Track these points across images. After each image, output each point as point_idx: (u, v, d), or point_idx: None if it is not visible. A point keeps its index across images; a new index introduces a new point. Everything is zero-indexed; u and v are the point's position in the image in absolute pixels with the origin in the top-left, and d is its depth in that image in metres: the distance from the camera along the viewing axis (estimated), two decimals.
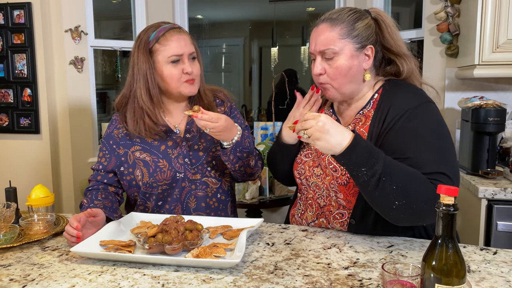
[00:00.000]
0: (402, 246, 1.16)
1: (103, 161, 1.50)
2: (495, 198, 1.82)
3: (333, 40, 1.22)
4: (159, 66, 1.42)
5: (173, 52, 1.39)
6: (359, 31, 1.22)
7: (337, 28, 1.22)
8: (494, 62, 2.11)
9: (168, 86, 1.44)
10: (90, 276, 0.98)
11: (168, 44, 1.40)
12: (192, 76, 1.42)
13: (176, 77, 1.41)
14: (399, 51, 1.27)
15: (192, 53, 1.43)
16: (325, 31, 1.23)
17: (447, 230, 0.73)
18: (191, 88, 1.44)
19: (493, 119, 1.98)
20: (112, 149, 1.49)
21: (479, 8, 2.09)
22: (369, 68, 1.27)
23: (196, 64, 1.46)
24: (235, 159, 1.41)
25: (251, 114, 6.34)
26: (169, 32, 1.41)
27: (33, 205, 1.34)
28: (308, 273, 0.99)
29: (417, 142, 1.13)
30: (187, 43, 1.43)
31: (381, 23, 1.27)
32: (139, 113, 1.44)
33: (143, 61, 1.41)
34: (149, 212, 1.48)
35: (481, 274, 0.98)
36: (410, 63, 1.28)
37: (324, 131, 1.04)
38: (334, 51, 1.21)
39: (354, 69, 1.23)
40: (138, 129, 1.44)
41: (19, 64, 2.62)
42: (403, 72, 1.28)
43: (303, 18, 6.02)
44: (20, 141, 2.69)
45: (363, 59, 1.25)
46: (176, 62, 1.41)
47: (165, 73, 1.41)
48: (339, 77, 1.23)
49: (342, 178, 1.22)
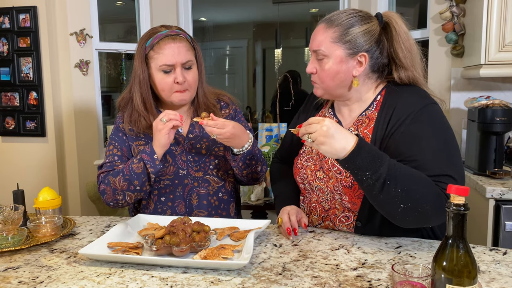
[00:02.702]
0: (411, 247, 1.15)
1: (115, 151, 1.48)
2: (503, 198, 1.80)
3: (324, 42, 1.21)
4: (152, 73, 1.42)
5: (164, 61, 1.38)
6: (352, 36, 1.20)
7: (331, 31, 1.21)
8: (500, 62, 2.10)
9: (160, 94, 1.45)
10: (98, 278, 0.98)
11: (161, 52, 1.38)
12: (184, 86, 1.41)
13: (167, 86, 1.41)
14: (403, 63, 1.23)
15: (187, 62, 1.40)
16: (320, 32, 1.23)
17: (458, 230, 0.72)
18: (182, 97, 1.43)
19: (500, 119, 1.96)
20: (122, 140, 1.50)
21: (485, 7, 2.08)
22: (362, 75, 1.24)
23: (190, 73, 1.43)
24: (243, 165, 1.42)
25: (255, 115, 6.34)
26: (164, 40, 1.39)
27: (41, 207, 1.34)
28: (316, 274, 0.98)
29: (422, 145, 1.12)
30: (181, 52, 1.39)
31: (392, 28, 1.23)
32: (135, 115, 1.46)
33: (139, 67, 1.43)
34: (152, 208, 1.49)
35: (491, 274, 0.98)
36: (412, 74, 1.23)
37: (329, 136, 1.03)
38: (324, 53, 1.21)
39: (341, 75, 1.22)
40: (135, 129, 1.47)
41: (24, 67, 2.64)
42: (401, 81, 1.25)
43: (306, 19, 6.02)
44: (26, 144, 2.70)
45: (353, 65, 1.22)
46: (168, 72, 1.40)
47: (157, 81, 1.42)
48: (326, 79, 1.23)
49: (346, 181, 1.22)
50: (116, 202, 1.42)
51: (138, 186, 1.37)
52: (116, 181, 1.38)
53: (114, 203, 1.43)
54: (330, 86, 1.24)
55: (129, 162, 1.39)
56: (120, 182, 1.38)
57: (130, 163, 1.38)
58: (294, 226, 1.24)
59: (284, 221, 1.26)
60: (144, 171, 1.35)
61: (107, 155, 1.49)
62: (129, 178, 1.36)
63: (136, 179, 1.36)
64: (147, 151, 1.36)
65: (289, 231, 1.23)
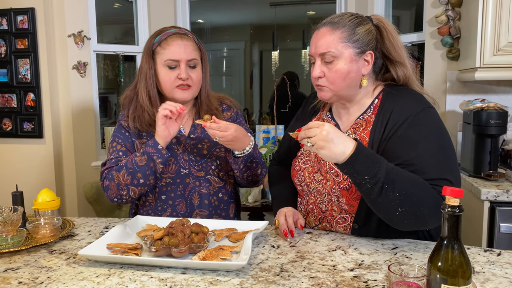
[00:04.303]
0: (407, 248, 1.17)
1: (119, 148, 1.49)
2: (497, 200, 1.82)
3: (333, 44, 1.22)
4: (157, 68, 1.45)
5: (169, 56, 1.41)
6: (359, 36, 1.23)
7: (338, 32, 1.23)
8: (495, 65, 2.12)
9: (162, 89, 1.47)
10: (98, 279, 0.99)
11: (168, 48, 1.42)
12: (187, 82, 1.43)
13: (169, 81, 1.43)
14: (397, 59, 1.27)
15: (192, 60, 1.44)
16: (326, 34, 1.24)
17: (453, 231, 0.74)
18: (184, 94, 1.45)
19: (495, 122, 1.99)
20: (125, 136, 1.51)
21: (480, 11, 2.10)
22: (367, 74, 1.27)
23: (195, 71, 1.46)
24: (244, 168, 1.43)
25: (252, 117, 6.36)
26: (172, 37, 1.44)
27: (40, 209, 1.35)
28: (314, 275, 0.99)
29: (420, 149, 1.14)
30: (188, 50, 1.43)
31: (383, 30, 1.27)
32: (140, 110, 1.48)
33: (145, 62, 1.46)
34: (153, 206, 1.50)
35: (485, 275, 0.99)
36: (407, 70, 1.28)
37: (328, 140, 1.05)
38: (334, 54, 1.22)
39: (352, 74, 1.24)
40: (138, 125, 1.48)
41: (22, 69, 2.64)
42: (398, 79, 1.29)
43: (303, 22, 6.04)
44: (24, 146, 2.70)
45: (362, 64, 1.25)
46: (173, 68, 1.42)
47: (161, 76, 1.44)
48: (338, 80, 1.24)
49: (344, 183, 1.23)
50: (120, 198, 1.42)
51: (142, 179, 1.38)
52: (120, 176, 1.39)
53: (118, 198, 1.42)
54: (341, 87, 1.25)
55: (132, 156, 1.40)
56: (124, 177, 1.38)
57: (133, 157, 1.40)
58: (291, 227, 1.26)
59: (281, 223, 1.28)
60: (147, 164, 1.36)
61: (111, 151, 1.49)
62: (133, 171, 1.37)
63: (139, 171, 1.37)
64: (150, 144, 1.38)
65: (286, 232, 1.24)
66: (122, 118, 1.54)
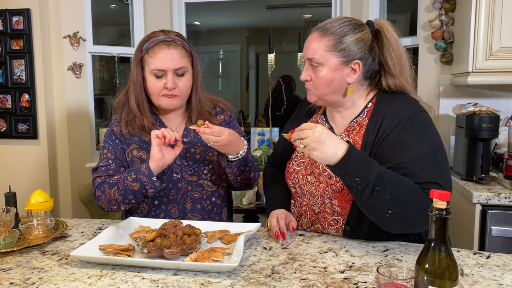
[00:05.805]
0: (397, 250, 1.18)
1: (109, 155, 1.49)
2: (489, 204, 1.84)
3: (318, 51, 1.23)
4: (145, 76, 1.45)
5: (156, 66, 1.41)
6: (346, 45, 1.22)
7: (325, 39, 1.23)
8: (488, 70, 2.14)
9: (150, 97, 1.48)
10: (89, 280, 1.00)
11: (155, 57, 1.41)
12: (173, 92, 1.43)
13: (156, 90, 1.43)
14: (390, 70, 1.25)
15: (179, 69, 1.42)
16: (314, 40, 1.25)
17: (440, 234, 0.75)
18: (170, 102, 1.45)
19: (487, 126, 2.00)
20: (115, 144, 1.51)
21: (473, 16, 2.12)
22: (355, 82, 1.26)
23: (183, 79, 1.44)
24: (238, 171, 1.44)
25: (248, 119, 6.37)
26: (158, 45, 1.42)
27: (33, 210, 1.35)
28: (304, 277, 1.00)
29: (411, 152, 1.15)
30: (174, 58, 1.41)
31: (383, 36, 1.26)
32: (131, 115, 1.49)
33: (134, 69, 1.47)
34: (145, 211, 1.50)
35: (474, 277, 1.00)
36: (399, 81, 1.26)
37: (320, 142, 1.06)
38: (319, 61, 1.23)
39: (336, 82, 1.24)
40: (130, 129, 1.49)
41: (17, 69, 2.64)
42: (390, 89, 1.28)
43: (299, 25, 6.06)
44: (18, 147, 2.69)
45: (348, 73, 1.24)
46: (160, 77, 1.42)
47: (149, 84, 1.45)
48: (321, 87, 1.25)
49: (336, 185, 1.24)
50: (110, 209, 1.46)
51: (133, 200, 1.39)
52: (111, 193, 1.40)
53: (108, 209, 1.46)
54: (324, 93, 1.27)
55: (124, 176, 1.39)
56: (115, 194, 1.39)
57: (124, 179, 1.38)
58: (283, 230, 1.26)
59: (273, 225, 1.29)
60: (139, 190, 1.36)
61: (101, 158, 1.50)
62: (124, 193, 1.38)
63: (131, 194, 1.37)
64: (144, 172, 1.34)
65: (278, 234, 1.25)
66: (114, 124, 1.54)
